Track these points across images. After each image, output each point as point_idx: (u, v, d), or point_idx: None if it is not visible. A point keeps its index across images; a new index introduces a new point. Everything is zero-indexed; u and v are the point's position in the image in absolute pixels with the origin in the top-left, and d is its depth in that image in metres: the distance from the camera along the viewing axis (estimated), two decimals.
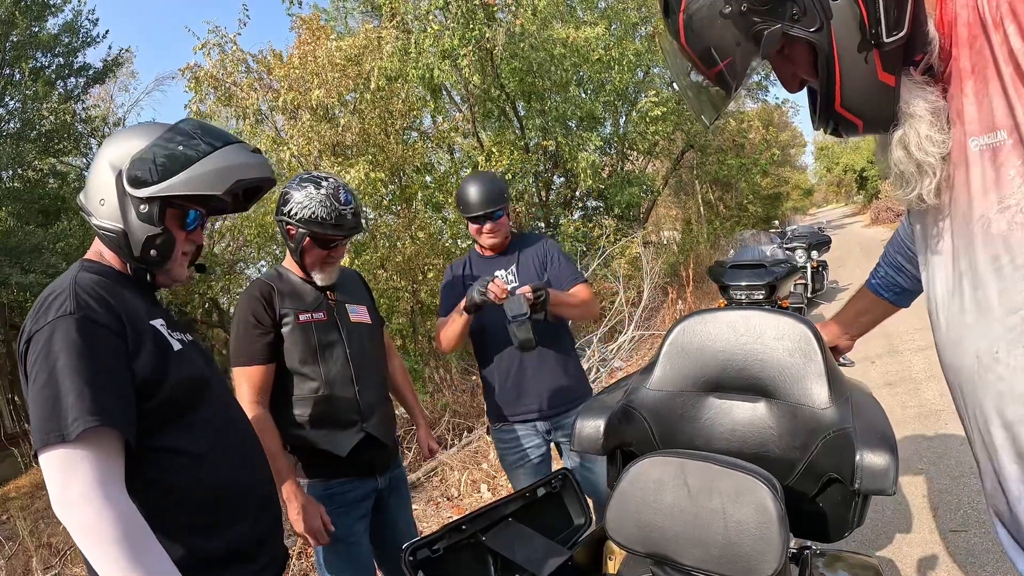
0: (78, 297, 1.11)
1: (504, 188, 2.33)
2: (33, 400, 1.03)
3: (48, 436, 1.00)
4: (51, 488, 1.01)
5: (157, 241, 1.21)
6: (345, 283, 2.06)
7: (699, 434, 1.56)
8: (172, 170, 1.17)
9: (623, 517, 1.29)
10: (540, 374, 2.28)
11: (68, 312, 1.08)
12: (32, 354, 1.06)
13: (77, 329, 1.07)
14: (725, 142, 16.23)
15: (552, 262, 2.36)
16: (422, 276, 7.36)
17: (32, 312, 1.12)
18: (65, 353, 1.04)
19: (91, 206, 1.23)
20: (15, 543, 4.66)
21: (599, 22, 9.46)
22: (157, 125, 1.25)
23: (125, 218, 1.19)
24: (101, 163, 1.21)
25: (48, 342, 1.05)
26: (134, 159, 1.18)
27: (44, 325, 1.07)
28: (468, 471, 4.52)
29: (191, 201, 1.23)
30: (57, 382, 1.02)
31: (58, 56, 12.24)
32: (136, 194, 1.18)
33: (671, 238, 19.05)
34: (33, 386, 1.04)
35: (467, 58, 7.28)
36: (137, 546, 1.01)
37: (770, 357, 1.50)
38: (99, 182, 1.21)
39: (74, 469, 1.00)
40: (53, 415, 1.01)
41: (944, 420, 4.12)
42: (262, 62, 7.46)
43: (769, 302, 6.56)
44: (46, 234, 10.50)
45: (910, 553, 2.73)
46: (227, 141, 1.24)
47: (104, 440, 1.03)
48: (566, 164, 9.19)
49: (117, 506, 1.01)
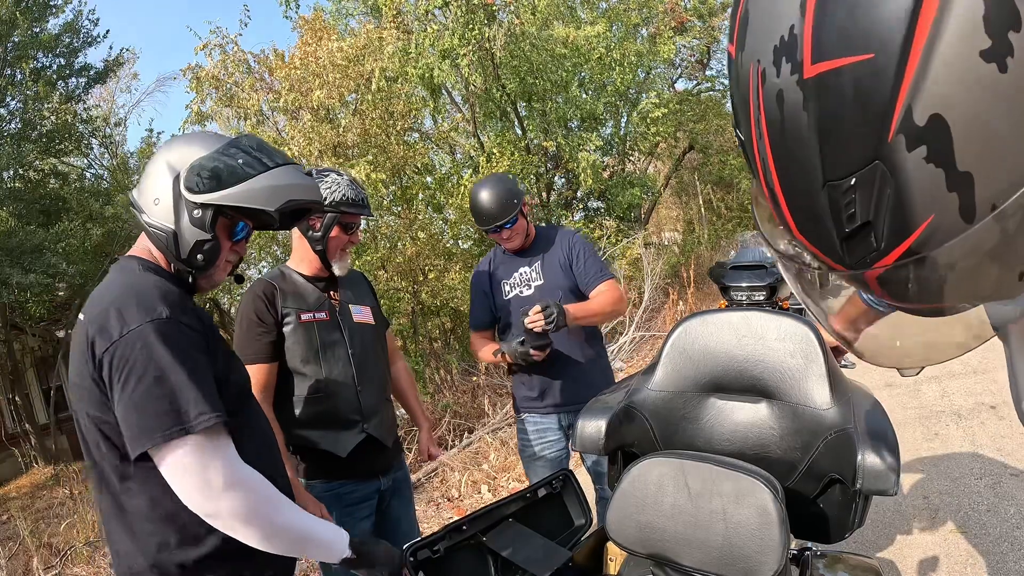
0: (165, 299, 1.15)
1: (515, 191, 2.31)
2: (141, 399, 1.07)
3: (171, 431, 1.06)
4: (185, 479, 1.08)
5: (205, 247, 1.24)
6: (350, 283, 2.07)
7: (700, 435, 1.56)
8: (229, 181, 1.21)
9: (624, 518, 1.29)
10: (567, 368, 2.30)
11: (161, 316, 1.12)
12: (125, 357, 1.08)
13: (173, 331, 1.12)
14: (727, 143, 16.23)
15: (577, 260, 2.34)
16: (423, 277, 7.35)
17: (102, 315, 1.12)
18: (167, 354, 1.09)
19: (144, 203, 1.25)
20: (15, 543, 4.66)
21: (600, 22, 9.45)
22: (218, 136, 1.29)
23: (177, 220, 1.22)
24: (160, 164, 1.24)
25: (147, 345, 1.08)
26: (194, 165, 1.21)
27: (134, 328, 1.09)
28: (469, 472, 4.52)
29: (242, 213, 1.26)
30: (168, 381, 1.08)
31: (59, 56, 12.22)
32: (191, 199, 1.21)
33: (672, 239, 19.04)
34: (137, 386, 1.07)
35: (467, 58, 7.28)
36: (285, 503, 1.16)
37: (771, 358, 1.50)
38: (156, 182, 1.24)
39: (209, 458, 1.08)
40: (172, 411, 1.07)
41: (944, 421, 4.12)
42: (263, 62, 7.46)
43: (770, 303, 6.55)
44: (47, 234, 10.49)
45: (910, 554, 2.73)
46: (284, 162, 1.28)
47: (221, 429, 1.12)
48: (567, 165, 9.19)
49: (254, 477, 1.13)
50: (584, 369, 2.34)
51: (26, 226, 10.63)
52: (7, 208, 11.29)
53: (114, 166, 14.50)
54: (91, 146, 13.76)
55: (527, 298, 2.30)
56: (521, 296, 2.34)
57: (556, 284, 2.32)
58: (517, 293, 2.35)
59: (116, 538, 1.19)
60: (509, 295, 2.36)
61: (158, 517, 1.14)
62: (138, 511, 1.15)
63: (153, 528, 1.15)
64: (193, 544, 1.15)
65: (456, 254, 8.22)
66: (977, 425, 3.95)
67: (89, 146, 13.61)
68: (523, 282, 2.36)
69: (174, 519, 1.14)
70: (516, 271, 2.38)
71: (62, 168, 13.53)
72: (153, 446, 1.06)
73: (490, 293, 2.38)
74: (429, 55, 7.29)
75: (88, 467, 1.22)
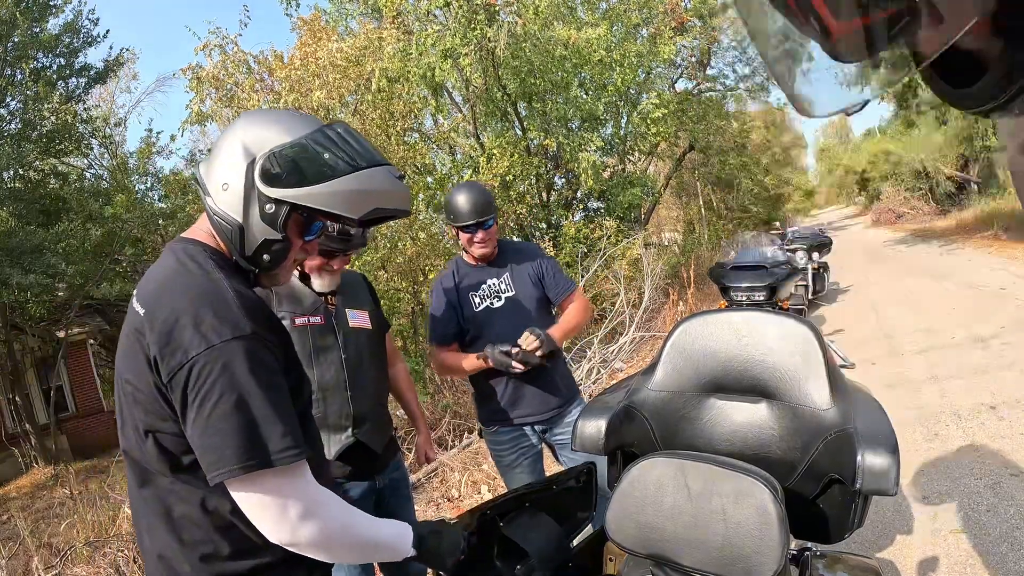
0: (246, 310, 1.03)
1: (492, 199, 2.34)
2: (220, 425, 0.97)
3: (250, 464, 0.97)
4: (263, 512, 1.00)
5: (274, 247, 1.10)
6: (348, 287, 2.04)
7: (700, 435, 1.56)
8: (312, 178, 1.05)
9: (623, 518, 1.29)
10: (536, 380, 2.30)
11: (245, 332, 1.00)
12: (203, 377, 0.97)
13: (257, 350, 1.01)
14: (727, 143, 16.24)
15: (546, 274, 2.39)
16: (423, 277, 7.35)
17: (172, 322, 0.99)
18: (252, 378, 0.99)
19: (211, 185, 1.10)
20: (15, 543, 4.66)
21: (601, 23, 9.46)
22: (305, 118, 1.13)
23: (246, 212, 1.07)
24: (234, 142, 1.08)
25: (229, 366, 0.98)
26: (274, 152, 1.06)
27: (215, 345, 0.97)
28: (468, 472, 4.52)
29: (319, 214, 1.11)
30: (251, 408, 0.98)
31: (59, 56, 12.23)
32: (266, 192, 1.06)
33: (672, 239, 19.05)
34: (215, 410, 0.97)
35: (468, 58, 7.29)
36: (358, 516, 1.10)
37: (771, 358, 1.50)
38: (227, 163, 1.08)
39: (289, 491, 1.01)
40: (253, 443, 0.97)
41: (944, 422, 4.12)
42: (263, 63, 7.47)
43: (770, 304, 6.56)
44: (47, 234, 10.50)
45: (910, 554, 2.73)
46: (375, 162, 1.11)
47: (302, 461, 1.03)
48: (567, 165, 9.20)
49: (330, 501, 1.06)
50: (550, 378, 2.33)
51: (26, 226, 10.63)
52: (7, 208, 11.29)
53: (114, 166, 14.50)
54: (91, 146, 13.76)
55: (498, 310, 2.31)
56: (492, 308, 2.32)
57: (527, 294, 2.34)
58: (488, 305, 2.33)
59: (158, 541, 1.09)
60: (479, 307, 2.33)
61: (211, 526, 1.06)
62: (188, 517, 1.06)
63: (204, 536, 1.06)
64: (245, 556, 1.08)
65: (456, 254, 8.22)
66: (977, 425, 3.95)
67: (89, 146, 13.61)
68: (492, 294, 2.34)
69: (228, 530, 1.06)
70: (484, 283, 2.35)
71: (62, 168, 13.53)
72: (231, 477, 0.97)
73: (457, 305, 2.34)
74: (431, 54, 7.29)
75: (129, 463, 1.11)
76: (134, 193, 13.42)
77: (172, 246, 1.14)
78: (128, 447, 1.09)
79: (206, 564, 1.06)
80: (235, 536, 1.06)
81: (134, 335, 1.04)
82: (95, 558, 3.80)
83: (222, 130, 1.19)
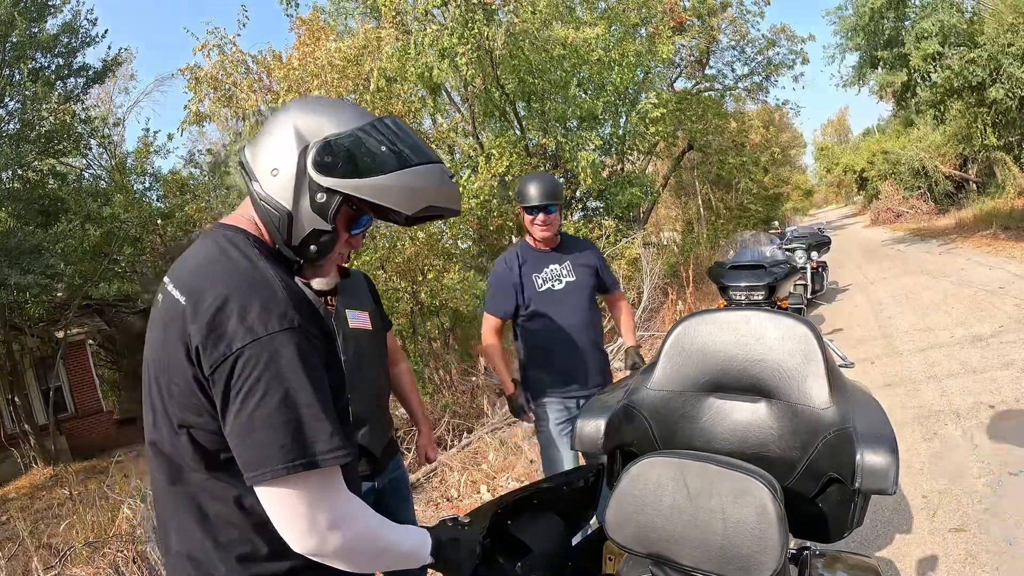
0: (294, 302, 0.98)
1: (560, 190, 2.58)
2: (263, 421, 0.92)
3: (294, 464, 0.91)
4: (292, 516, 0.94)
5: (322, 238, 1.06)
6: (349, 287, 2.03)
7: (699, 434, 1.56)
8: (367, 170, 1.02)
9: (623, 517, 1.29)
10: (588, 358, 2.58)
11: (293, 325, 0.95)
12: (248, 370, 0.92)
13: (305, 344, 0.96)
14: (725, 142, 16.25)
15: (601, 268, 2.73)
16: (422, 277, 7.34)
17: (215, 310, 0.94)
18: (300, 372, 0.94)
19: (258, 170, 1.06)
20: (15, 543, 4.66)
21: (599, 22, 9.46)
22: (356, 108, 1.09)
23: (296, 200, 1.04)
24: (286, 127, 1.04)
25: (276, 359, 0.93)
26: (329, 140, 1.02)
27: (262, 337, 0.93)
28: (468, 472, 4.52)
29: (370, 207, 1.08)
30: (297, 405, 0.93)
31: (57, 56, 12.22)
32: (319, 180, 1.02)
33: (671, 239, 19.06)
34: (260, 406, 0.92)
35: (466, 57, 7.28)
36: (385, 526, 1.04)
37: (770, 357, 1.50)
38: (278, 148, 1.04)
39: (320, 496, 0.95)
40: (297, 441, 0.92)
41: (943, 421, 4.12)
42: (262, 63, 7.46)
43: (769, 303, 6.56)
44: (46, 235, 10.49)
45: (909, 553, 2.73)
46: (430, 159, 1.09)
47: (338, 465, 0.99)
48: (566, 164, 9.19)
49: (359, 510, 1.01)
50: (599, 357, 2.65)
51: (25, 226, 10.62)
52: (6, 209, 11.29)
53: (112, 166, 14.49)
54: (89, 146, 13.76)
55: (558, 292, 2.57)
56: (553, 290, 2.57)
57: (584, 282, 2.62)
58: (550, 287, 2.57)
59: (189, 541, 1.03)
60: (542, 288, 2.56)
61: (249, 525, 1.01)
62: (223, 516, 1.01)
63: (240, 536, 1.01)
64: (284, 556, 1.02)
65: (455, 254, 8.22)
66: (976, 424, 3.96)
67: (88, 146, 13.61)
68: (554, 277, 2.59)
69: (266, 529, 0.99)
70: (546, 267, 2.59)
71: (61, 168, 13.52)
72: (274, 478, 0.92)
73: (519, 284, 2.56)
74: (428, 54, 7.29)
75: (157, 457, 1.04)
76: (132, 193, 13.42)
77: (212, 232, 1.09)
78: (158, 441, 1.03)
79: (243, 565, 1.01)
80: (273, 535, 1.00)
81: (172, 324, 0.98)
82: (94, 558, 3.80)
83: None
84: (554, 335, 2.54)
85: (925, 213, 23.41)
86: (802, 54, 16.75)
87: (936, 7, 11.54)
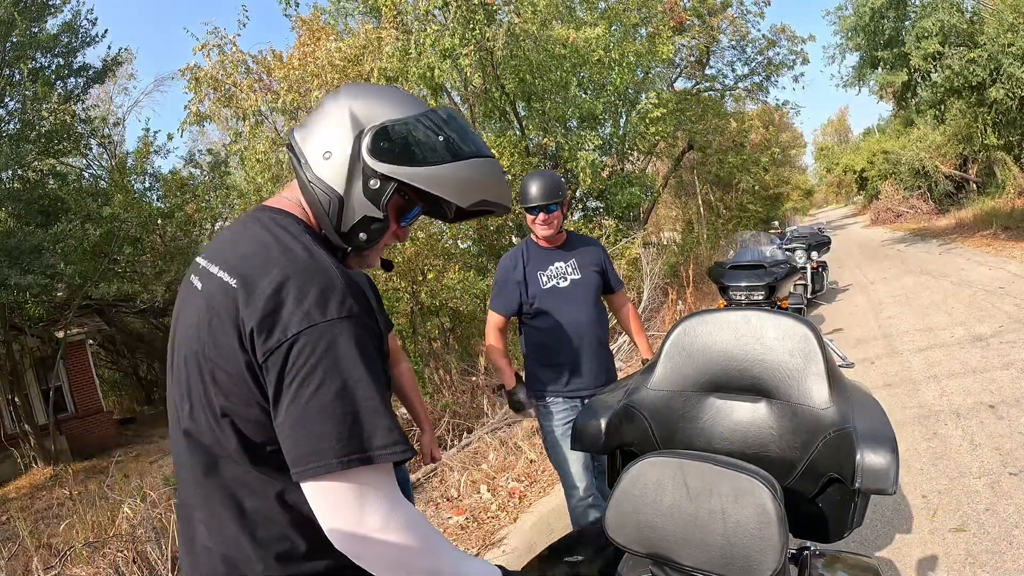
0: (351, 289, 0.94)
1: (561, 187, 2.55)
2: (319, 412, 0.88)
3: (350, 458, 0.87)
4: (340, 514, 0.89)
5: (373, 225, 1.03)
6: None
7: (700, 434, 1.56)
8: (424, 159, 1.00)
9: (623, 517, 1.29)
10: (592, 356, 2.57)
11: (352, 312, 0.92)
12: (305, 357, 0.88)
13: (362, 333, 0.92)
14: (725, 142, 16.26)
15: (608, 267, 2.71)
16: (422, 277, 7.35)
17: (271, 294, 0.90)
18: (353, 363, 0.90)
19: (309, 153, 1.03)
20: (15, 543, 4.66)
21: (599, 22, 9.46)
22: (411, 96, 1.08)
23: (349, 185, 1.01)
24: (341, 110, 1.02)
25: (334, 346, 0.89)
26: (387, 126, 1.00)
27: (320, 323, 0.89)
28: (468, 472, 4.52)
29: (422, 197, 1.06)
30: (355, 396, 0.89)
31: (57, 56, 12.22)
32: (374, 166, 0.99)
33: (671, 239, 19.06)
34: (316, 395, 0.88)
35: (467, 58, 7.29)
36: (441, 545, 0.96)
37: (770, 357, 1.50)
38: (333, 131, 1.01)
39: (371, 495, 0.90)
40: (352, 435, 0.88)
41: (943, 420, 4.12)
42: (262, 63, 7.46)
43: (769, 303, 6.56)
44: (46, 235, 10.48)
45: (909, 553, 2.73)
46: (485, 152, 1.07)
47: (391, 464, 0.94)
48: (566, 164, 9.20)
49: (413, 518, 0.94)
50: (604, 354, 2.62)
51: (25, 226, 10.62)
52: (6, 209, 11.29)
53: (112, 166, 14.49)
54: (90, 146, 13.76)
55: (563, 290, 2.57)
56: (558, 287, 2.57)
57: (589, 280, 2.61)
58: (554, 285, 2.57)
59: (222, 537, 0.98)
60: (546, 285, 2.57)
61: (289, 522, 0.96)
62: (262, 512, 0.96)
63: (279, 533, 0.96)
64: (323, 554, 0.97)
65: (455, 254, 8.23)
66: (976, 424, 3.95)
67: (88, 146, 13.60)
68: (559, 275, 2.59)
69: (307, 526, 0.96)
70: (551, 264, 2.59)
71: (61, 168, 13.52)
72: (326, 472, 0.87)
73: (523, 281, 2.56)
74: (430, 55, 7.30)
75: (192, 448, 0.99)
76: (132, 193, 13.43)
77: (256, 215, 1.05)
78: (194, 430, 0.98)
79: (282, 564, 0.96)
80: (311, 532, 0.95)
81: (221, 307, 0.93)
82: (94, 558, 3.80)
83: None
84: (559, 332, 2.53)
85: (925, 213, 23.41)
86: (802, 54, 16.79)
87: (936, 7, 11.54)
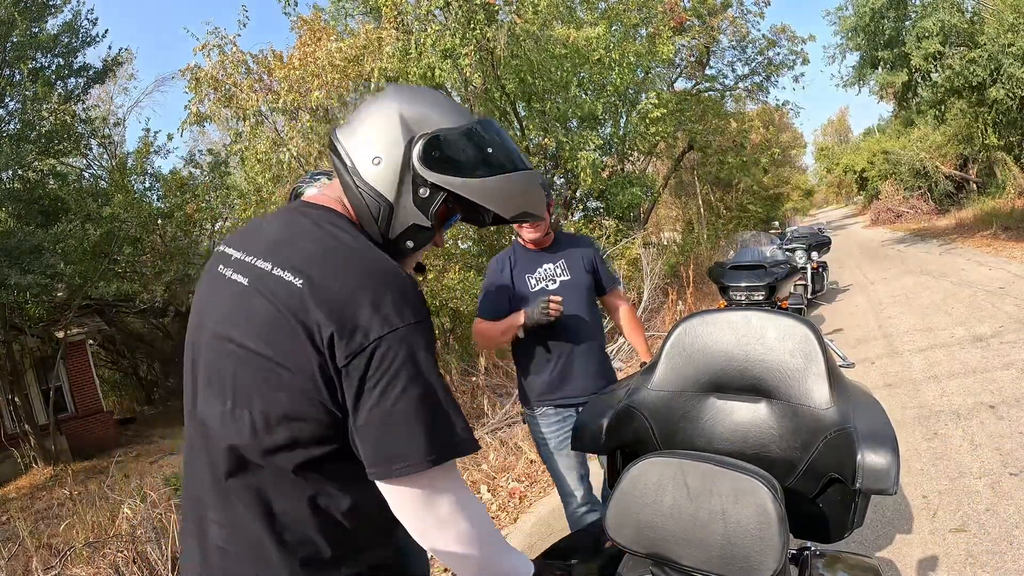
0: (420, 295, 0.96)
1: (546, 185, 2.46)
2: (405, 414, 0.89)
3: (440, 457, 0.90)
4: (425, 511, 0.92)
5: (420, 234, 1.03)
6: None
7: (700, 434, 1.56)
8: (475, 169, 1.01)
9: (623, 517, 1.29)
10: (584, 361, 2.47)
11: (423, 317, 0.93)
12: (388, 362, 0.88)
13: (431, 339, 0.95)
14: (726, 142, 16.26)
15: (599, 265, 2.62)
16: (422, 277, 7.35)
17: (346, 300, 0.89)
18: (431, 367, 0.92)
19: (357, 157, 1.01)
20: (15, 543, 4.66)
21: (600, 23, 9.46)
22: (457, 104, 1.09)
23: (398, 193, 1.00)
24: (392, 115, 1.01)
25: (413, 351, 0.90)
26: (441, 136, 0.99)
27: (398, 328, 0.89)
28: (468, 472, 4.52)
29: (464, 206, 1.06)
30: (436, 397, 0.92)
31: (58, 56, 12.22)
32: (425, 175, 0.99)
33: (671, 239, 19.06)
34: (401, 398, 0.89)
35: (468, 58, 7.29)
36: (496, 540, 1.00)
37: (771, 358, 1.50)
38: (382, 136, 1.00)
39: (443, 487, 0.93)
40: (442, 435, 0.91)
41: (944, 421, 4.12)
42: (262, 63, 7.46)
43: (769, 303, 6.56)
44: (46, 235, 10.48)
45: (910, 554, 2.73)
46: (527, 165, 1.10)
47: None
48: (566, 164, 9.21)
49: (478, 509, 0.98)
50: (596, 359, 2.52)
51: (25, 227, 10.62)
52: (6, 209, 11.29)
53: (113, 166, 14.50)
54: (90, 147, 13.76)
55: (552, 291, 2.48)
56: (547, 290, 2.50)
57: (580, 280, 2.53)
58: (543, 287, 2.50)
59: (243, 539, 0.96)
60: (535, 288, 2.50)
61: (317, 526, 0.95)
62: (291, 515, 0.95)
63: (305, 537, 0.95)
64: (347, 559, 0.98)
65: (455, 254, 8.22)
66: (976, 425, 3.95)
67: (88, 146, 13.60)
68: (548, 277, 2.52)
69: (334, 530, 0.96)
70: (540, 267, 2.51)
71: (61, 168, 13.52)
72: (414, 472, 0.89)
73: (511, 285, 2.50)
74: (430, 55, 7.30)
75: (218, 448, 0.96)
76: (132, 193, 13.43)
77: (302, 210, 1.03)
78: (229, 430, 0.95)
79: (306, 569, 0.95)
80: (338, 537, 0.96)
81: (281, 305, 0.91)
82: (94, 558, 3.80)
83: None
84: (549, 337, 2.45)
85: (925, 213, 23.41)
86: (802, 54, 16.78)
87: (936, 7, 11.54)
